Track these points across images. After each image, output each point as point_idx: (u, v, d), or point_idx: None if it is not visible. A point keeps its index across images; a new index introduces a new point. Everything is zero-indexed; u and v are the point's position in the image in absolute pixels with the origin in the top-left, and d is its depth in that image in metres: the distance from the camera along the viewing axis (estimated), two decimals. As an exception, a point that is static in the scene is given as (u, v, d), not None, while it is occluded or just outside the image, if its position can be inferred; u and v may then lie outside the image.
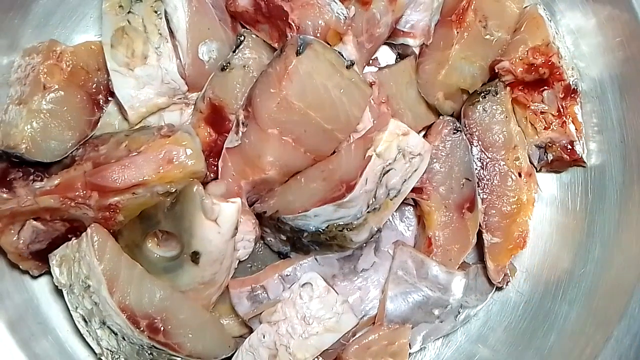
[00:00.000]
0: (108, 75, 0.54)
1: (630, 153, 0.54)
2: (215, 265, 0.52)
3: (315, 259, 0.55)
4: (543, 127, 0.56)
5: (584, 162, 0.56)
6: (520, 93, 0.56)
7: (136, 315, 0.50)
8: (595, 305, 0.53)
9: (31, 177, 0.51)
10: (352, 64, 0.51)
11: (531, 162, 0.57)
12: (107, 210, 0.51)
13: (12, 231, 0.51)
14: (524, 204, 0.55)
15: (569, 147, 0.56)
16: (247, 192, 0.54)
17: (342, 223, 0.51)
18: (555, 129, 0.56)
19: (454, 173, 0.55)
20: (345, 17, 0.52)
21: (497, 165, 0.55)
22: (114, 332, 0.51)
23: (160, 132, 0.52)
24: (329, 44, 0.51)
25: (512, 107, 0.56)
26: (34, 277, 0.55)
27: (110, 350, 0.52)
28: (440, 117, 0.57)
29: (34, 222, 0.52)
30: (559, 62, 0.54)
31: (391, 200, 0.52)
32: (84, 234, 0.50)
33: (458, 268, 0.56)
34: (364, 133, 0.53)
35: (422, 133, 0.58)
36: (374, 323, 0.56)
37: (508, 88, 0.56)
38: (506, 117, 0.56)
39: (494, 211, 0.56)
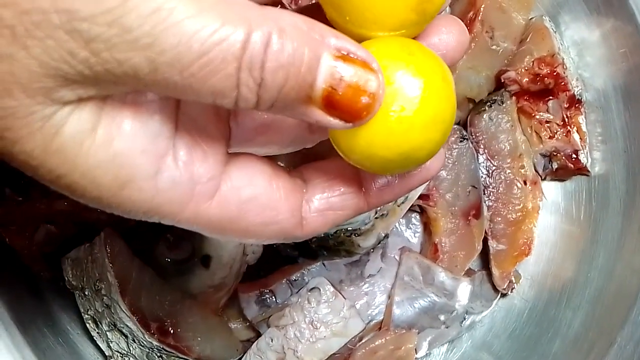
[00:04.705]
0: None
1: (633, 162, 0.54)
2: (225, 269, 0.52)
3: (323, 264, 0.56)
4: (548, 136, 0.56)
5: (588, 171, 0.57)
6: (525, 102, 0.57)
7: (147, 318, 0.51)
8: (599, 312, 0.54)
9: (46, 181, 0.52)
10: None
11: (536, 171, 0.58)
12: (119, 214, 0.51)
13: (26, 234, 0.52)
14: (529, 212, 0.56)
15: (574, 156, 0.56)
16: (257, 197, 0.54)
17: (350, 229, 0.52)
18: (560, 138, 0.56)
19: (461, 180, 0.56)
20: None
21: (502, 173, 0.56)
22: (124, 335, 0.52)
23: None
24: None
25: (517, 117, 0.57)
26: (46, 279, 0.56)
27: (121, 353, 0.53)
28: (447, 126, 0.58)
29: (48, 225, 0.52)
30: (564, 73, 0.55)
31: (399, 206, 0.53)
32: (96, 237, 0.51)
33: (464, 274, 0.57)
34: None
35: (429, 141, 0.58)
36: (380, 328, 0.56)
37: (514, 97, 0.57)
38: (512, 126, 0.56)
39: (500, 218, 0.56)
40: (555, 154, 0.57)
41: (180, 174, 0.25)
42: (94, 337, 0.54)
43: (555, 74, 0.55)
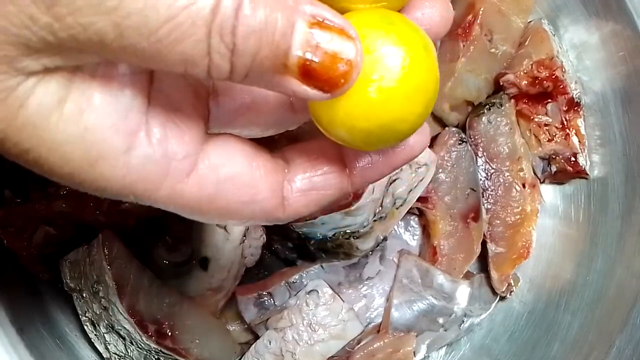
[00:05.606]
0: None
1: (632, 165, 0.54)
2: (224, 272, 0.52)
3: (322, 266, 0.56)
4: (547, 139, 0.57)
5: (587, 174, 0.57)
6: (524, 105, 0.57)
7: (145, 321, 0.51)
8: (598, 315, 0.54)
9: (44, 182, 0.52)
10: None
11: (535, 174, 0.58)
12: (118, 216, 0.52)
13: (25, 235, 0.52)
14: (527, 215, 0.56)
15: (572, 159, 0.56)
16: (255, 199, 0.54)
17: (349, 231, 0.52)
18: (558, 141, 0.56)
19: (459, 183, 0.56)
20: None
21: (501, 176, 0.56)
22: (122, 337, 0.52)
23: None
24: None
25: (516, 120, 0.57)
26: (44, 281, 0.56)
27: (118, 355, 0.53)
28: (446, 128, 0.58)
29: (46, 227, 0.52)
30: (563, 76, 0.55)
31: (397, 209, 0.53)
32: (95, 239, 0.51)
33: (462, 277, 0.57)
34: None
35: (428, 144, 0.58)
36: (379, 331, 0.56)
37: (512, 100, 0.57)
38: (510, 129, 0.56)
39: (498, 221, 0.56)
40: (554, 157, 0.57)
41: (154, 151, 0.24)
42: (92, 339, 0.54)
43: (554, 77, 0.55)
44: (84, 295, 0.52)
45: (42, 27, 0.20)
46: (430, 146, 0.58)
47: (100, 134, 0.23)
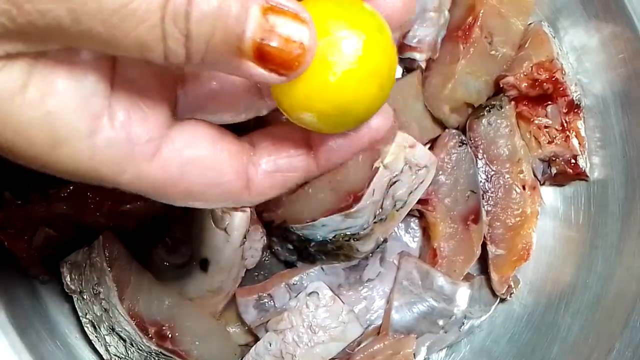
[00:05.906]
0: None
1: (632, 167, 0.54)
2: (224, 273, 0.52)
3: (322, 268, 0.56)
4: (547, 141, 0.57)
5: (587, 176, 0.57)
6: (524, 108, 0.57)
7: (145, 322, 0.51)
8: (598, 317, 0.54)
9: (45, 184, 0.52)
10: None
11: (535, 176, 0.58)
12: (118, 217, 0.52)
13: (25, 237, 0.52)
14: (527, 217, 0.56)
15: (572, 161, 0.56)
16: (255, 201, 0.55)
17: (349, 233, 0.52)
18: (558, 143, 0.56)
19: (459, 185, 0.56)
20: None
21: (501, 178, 0.56)
22: (122, 339, 0.52)
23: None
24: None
25: (516, 122, 0.57)
26: (45, 283, 0.56)
27: (119, 357, 0.53)
28: (446, 130, 0.58)
29: (46, 229, 0.52)
30: (563, 78, 0.55)
31: (397, 211, 0.53)
32: (95, 240, 0.51)
33: (462, 279, 0.57)
34: (371, 145, 0.54)
35: (428, 145, 0.59)
36: (379, 333, 0.56)
37: (512, 103, 0.57)
38: (511, 131, 0.56)
39: (498, 223, 0.56)
40: (554, 159, 0.57)
41: (117, 134, 0.25)
42: (93, 341, 0.54)
43: (554, 79, 0.55)
44: (85, 296, 0.52)
45: (1, 14, 0.21)
46: (430, 148, 0.58)
47: (62, 117, 0.23)
